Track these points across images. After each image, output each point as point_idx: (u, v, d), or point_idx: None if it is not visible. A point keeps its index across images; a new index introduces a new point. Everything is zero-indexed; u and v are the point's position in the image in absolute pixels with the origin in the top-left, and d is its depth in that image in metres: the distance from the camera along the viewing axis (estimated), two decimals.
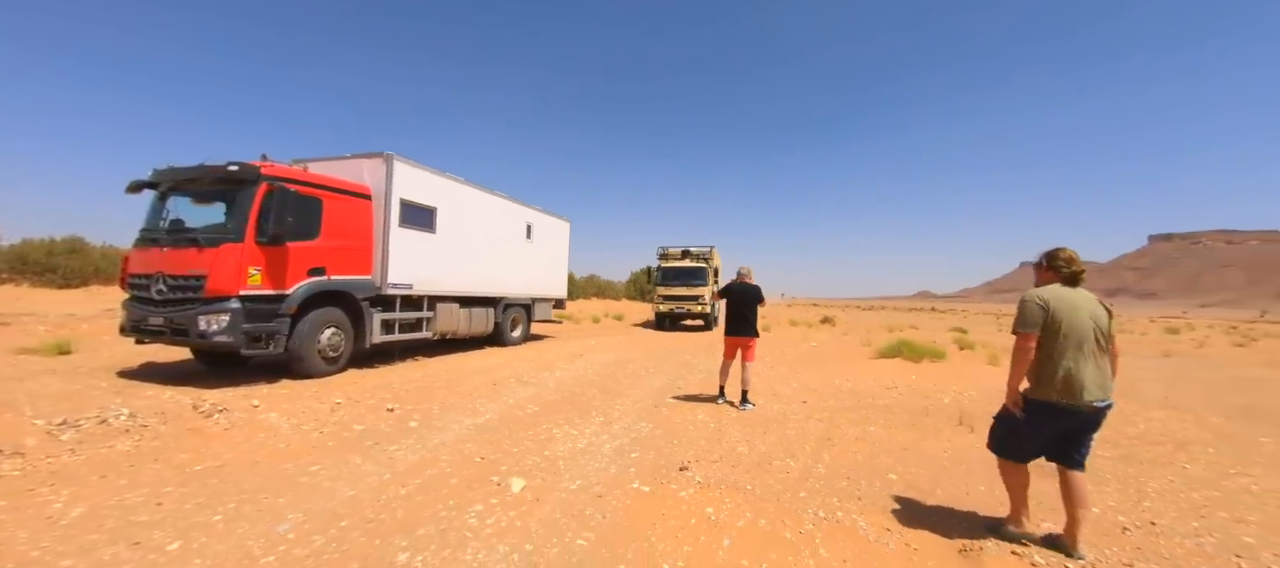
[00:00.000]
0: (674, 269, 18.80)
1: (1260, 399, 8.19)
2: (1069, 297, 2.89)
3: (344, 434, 4.74)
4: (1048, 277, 3.07)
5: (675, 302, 18.31)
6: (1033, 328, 2.85)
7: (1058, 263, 3.02)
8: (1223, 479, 4.26)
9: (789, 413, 6.09)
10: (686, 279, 18.53)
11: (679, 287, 18.42)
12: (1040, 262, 3.12)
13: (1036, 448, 3.00)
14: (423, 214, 9.20)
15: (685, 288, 18.31)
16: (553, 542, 2.93)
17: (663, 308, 18.37)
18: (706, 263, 18.96)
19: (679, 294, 18.33)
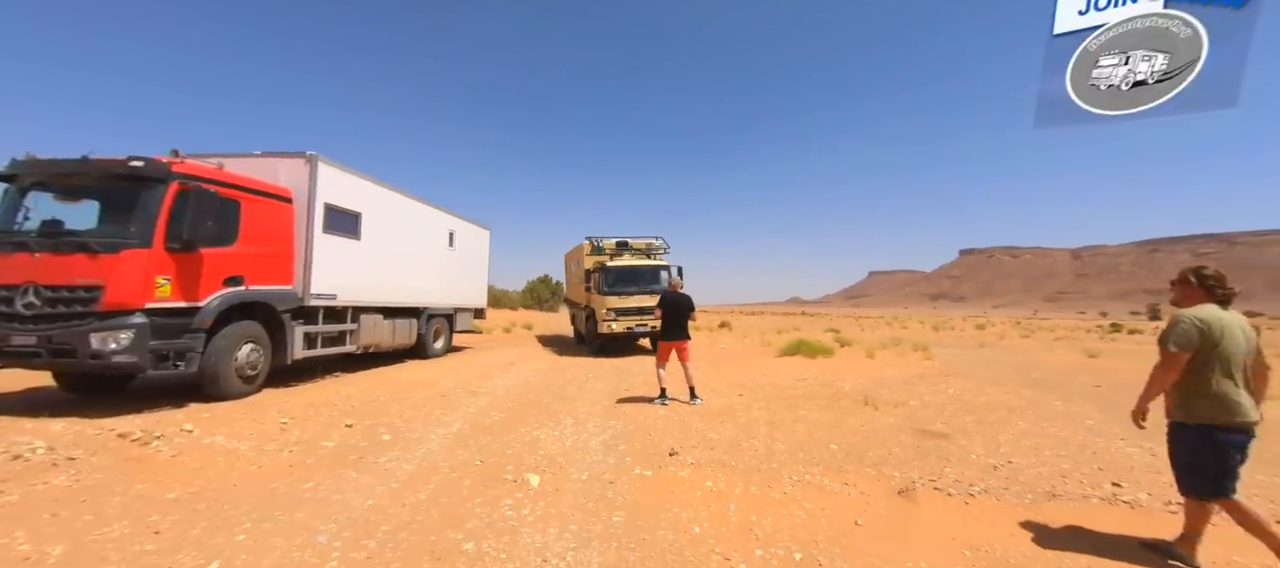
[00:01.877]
0: (625, 271, 13.22)
1: (1046, 376, 11.00)
2: (1224, 317, 2.78)
3: (317, 452, 4.53)
4: (1198, 295, 2.94)
5: (631, 317, 12.61)
6: (1187, 349, 2.77)
7: (1210, 282, 2.91)
8: (1039, 429, 5.91)
9: (732, 405, 6.94)
10: (643, 283, 13.21)
11: (634, 294, 12.86)
12: (1187, 279, 3.01)
13: (1233, 475, 2.78)
14: (347, 220, 8.65)
15: (642, 295, 12.84)
16: (594, 521, 3.32)
17: (615, 326, 12.50)
18: (661, 262, 14.13)
19: (634, 306, 12.69)
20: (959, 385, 8.99)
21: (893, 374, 10.37)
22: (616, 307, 12.68)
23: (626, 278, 13.26)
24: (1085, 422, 6.43)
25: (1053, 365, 13.47)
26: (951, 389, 8.59)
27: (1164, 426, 3.11)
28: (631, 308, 12.73)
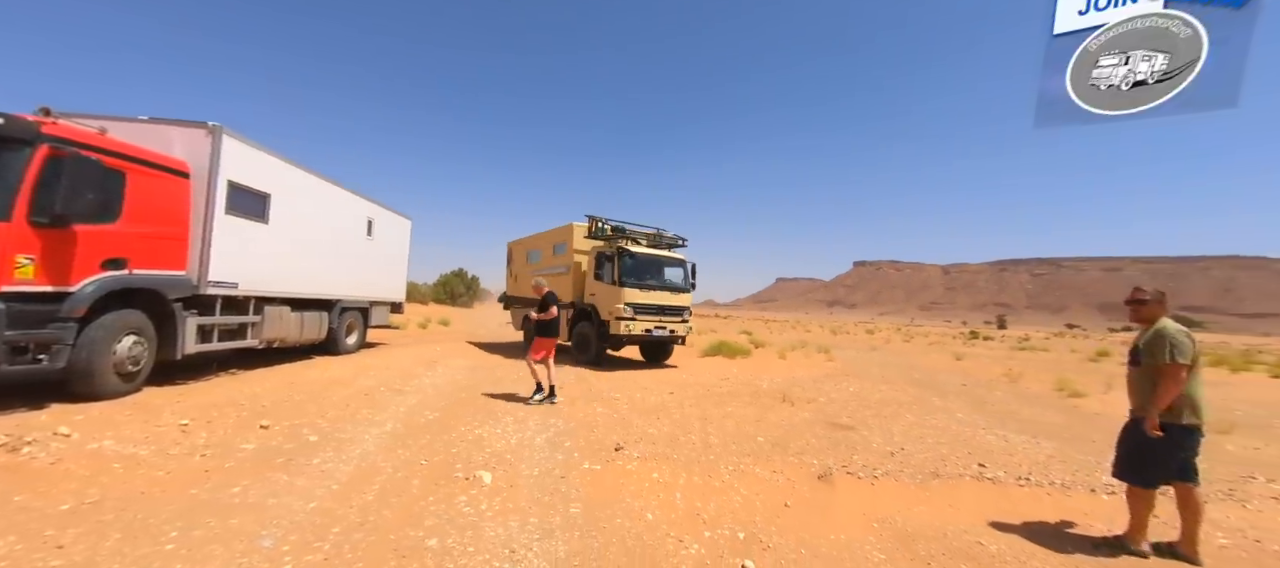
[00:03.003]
0: (650, 262, 10.93)
1: (925, 376, 12.70)
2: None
3: (235, 455, 4.16)
4: (1160, 311, 3.37)
5: (651, 317, 10.47)
6: (1189, 359, 3.13)
7: (1164, 301, 3.38)
8: (923, 421, 6.93)
9: (665, 403, 7.31)
10: (666, 279, 11.13)
11: (656, 289, 10.68)
12: (1157, 298, 3.43)
13: (1167, 473, 3.19)
14: (254, 200, 7.85)
15: (665, 293, 10.83)
16: (552, 513, 3.45)
17: (633, 327, 10.15)
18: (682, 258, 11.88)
19: (655, 303, 10.57)
20: (857, 384, 10.15)
21: (803, 374, 11.42)
22: (636, 302, 10.28)
23: (650, 269, 10.93)
24: (956, 415, 7.62)
25: (929, 366, 15.54)
26: (852, 388, 9.69)
27: (1019, 420, 3.90)
28: (653, 306, 10.58)
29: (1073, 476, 4.76)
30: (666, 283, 11.11)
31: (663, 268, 11.25)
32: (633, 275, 10.49)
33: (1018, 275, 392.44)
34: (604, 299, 10.55)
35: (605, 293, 10.56)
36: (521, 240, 14.91)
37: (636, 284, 10.46)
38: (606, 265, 10.65)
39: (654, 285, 10.79)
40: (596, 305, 10.77)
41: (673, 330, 10.92)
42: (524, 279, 13.89)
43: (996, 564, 3.08)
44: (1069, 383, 11.28)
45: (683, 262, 11.68)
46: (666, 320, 10.78)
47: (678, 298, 11.18)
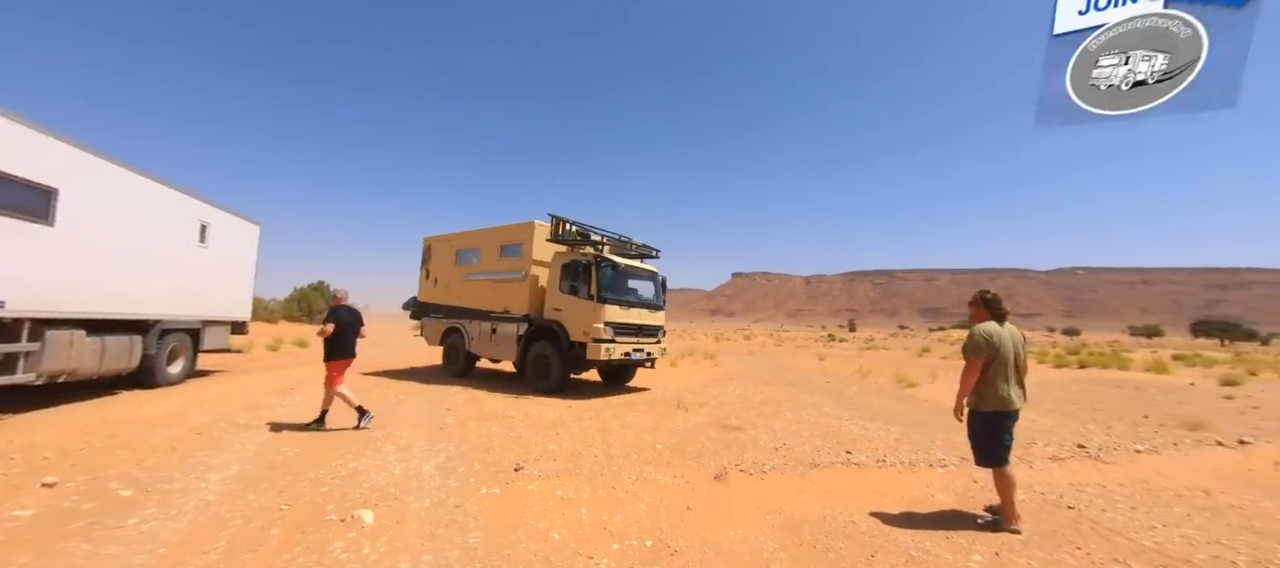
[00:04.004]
0: (630, 274, 9.86)
1: (796, 376, 14.11)
2: (1001, 331, 3.67)
3: (4, 526, 3.18)
4: (983, 314, 3.79)
5: (630, 339, 9.27)
6: (979, 356, 3.62)
7: (991, 303, 3.78)
8: (799, 417, 7.67)
9: (564, 416, 7.16)
10: (644, 295, 10.10)
11: (635, 306, 9.58)
12: (978, 301, 3.86)
13: (1007, 449, 3.67)
14: (31, 195, 6.20)
15: (644, 310, 9.78)
16: (448, 547, 3.17)
17: (614, 351, 8.83)
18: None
19: (635, 323, 9.44)
20: (742, 387, 10.93)
21: (694, 381, 11.99)
22: (617, 322, 8.94)
23: (629, 284, 9.75)
24: (825, 409, 8.55)
25: (798, 367, 17.29)
26: (737, 391, 10.40)
27: (872, 410, 4.49)
28: (632, 325, 9.34)
29: (916, 454, 5.60)
30: (644, 299, 10.01)
31: (644, 283, 10.21)
32: (613, 290, 9.15)
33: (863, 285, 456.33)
34: (575, 317, 9.02)
35: (578, 309, 9.00)
36: (447, 237, 12.25)
37: (617, 300, 9.14)
38: (581, 277, 9.06)
39: (633, 302, 9.58)
40: (563, 323, 9.19)
41: (650, 353, 9.79)
42: (449, 283, 11.85)
43: (867, 539, 3.49)
44: (905, 376, 13.33)
45: (655, 274, 10.60)
46: (644, 342, 9.65)
47: (655, 316, 10.11)
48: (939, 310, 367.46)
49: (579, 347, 8.87)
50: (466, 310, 11.21)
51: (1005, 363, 3.65)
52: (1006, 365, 3.65)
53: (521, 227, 10.39)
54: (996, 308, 3.77)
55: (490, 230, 11.23)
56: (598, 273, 8.93)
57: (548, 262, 9.96)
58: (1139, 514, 4.05)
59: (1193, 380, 14.43)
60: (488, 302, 10.69)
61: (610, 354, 8.72)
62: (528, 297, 9.91)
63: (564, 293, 9.35)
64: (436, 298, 12.14)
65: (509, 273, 10.42)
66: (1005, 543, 3.47)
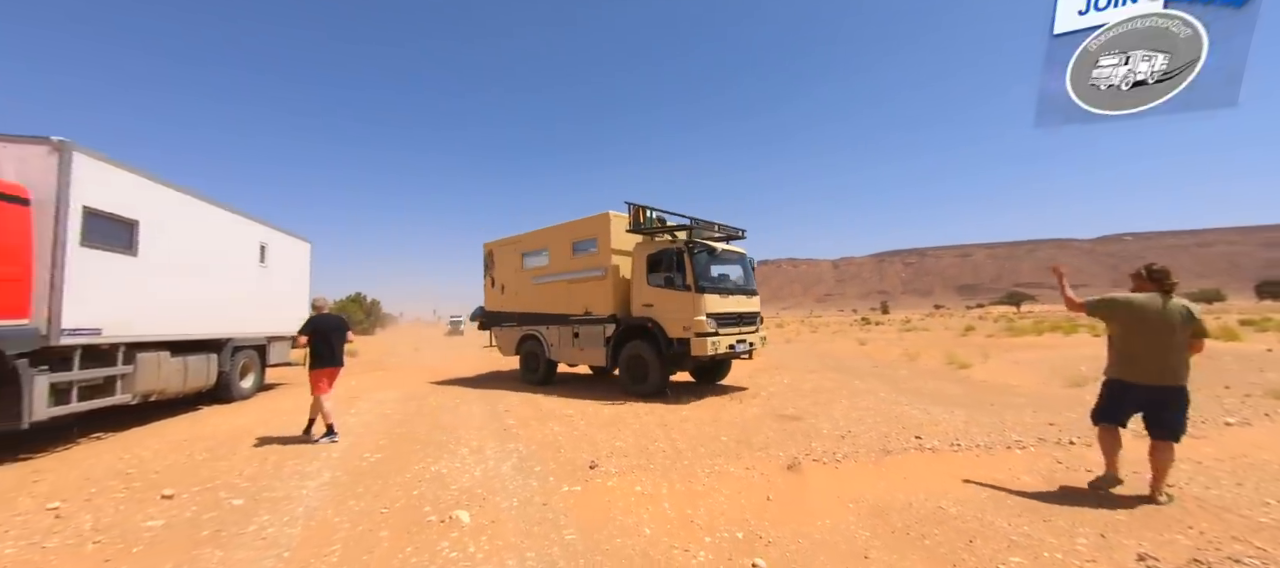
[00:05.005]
0: (726, 260, 9.10)
1: (839, 362, 13.90)
2: (1145, 302, 3.67)
3: (141, 536, 3.44)
4: (1146, 286, 3.78)
5: (734, 328, 8.57)
6: (1095, 313, 3.87)
7: (1157, 275, 3.75)
8: (855, 404, 7.57)
9: (621, 413, 7.26)
10: (740, 284, 9.24)
11: (735, 295, 8.86)
12: (1141, 274, 3.86)
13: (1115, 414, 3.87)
14: (118, 229, 6.63)
15: (742, 297, 9.03)
16: (548, 544, 3.28)
17: (719, 344, 8.06)
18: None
19: (735, 311, 8.71)
20: (788, 376, 10.84)
21: (738, 371, 11.94)
22: (718, 312, 8.24)
23: (725, 269, 9.05)
24: (880, 395, 8.42)
25: (839, 353, 17.01)
26: (784, 380, 10.33)
27: (930, 394, 4.40)
28: (733, 314, 8.59)
29: (990, 436, 5.47)
30: (740, 285, 9.19)
31: (739, 269, 9.40)
32: (708, 278, 8.41)
33: (894, 265, 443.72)
34: (671, 311, 8.31)
35: (673, 302, 8.30)
36: (510, 240, 11.67)
37: (715, 288, 8.42)
38: (674, 267, 8.32)
39: (730, 289, 8.82)
40: (657, 319, 8.48)
41: (752, 343, 8.93)
42: (518, 289, 11.29)
43: (960, 524, 3.45)
44: (955, 357, 12.97)
45: (744, 256, 9.62)
46: (745, 331, 8.80)
47: (751, 302, 9.25)
48: (975, 287, 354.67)
49: (679, 343, 8.17)
50: (541, 316, 10.67)
51: (1139, 334, 3.70)
52: (1140, 337, 3.70)
53: (595, 220, 9.62)
54: (1163, 281, 3.74)
55: (558, 228, 10.45)
56: (692, 261, 8.18)
57: (629, 253, 9.27)
58: (1247, 490, 3.87)
59: (1269, 346, 13.58)
60: (565, 304, 10.07)
61: (717, 348, 7.99)
62: (611, 294, 9.21)
63: (654, 286, 8.61)
64: (505, 305, 11.65)
65: (586, 271, 9.68)
66: (1111, 523, 3.37)
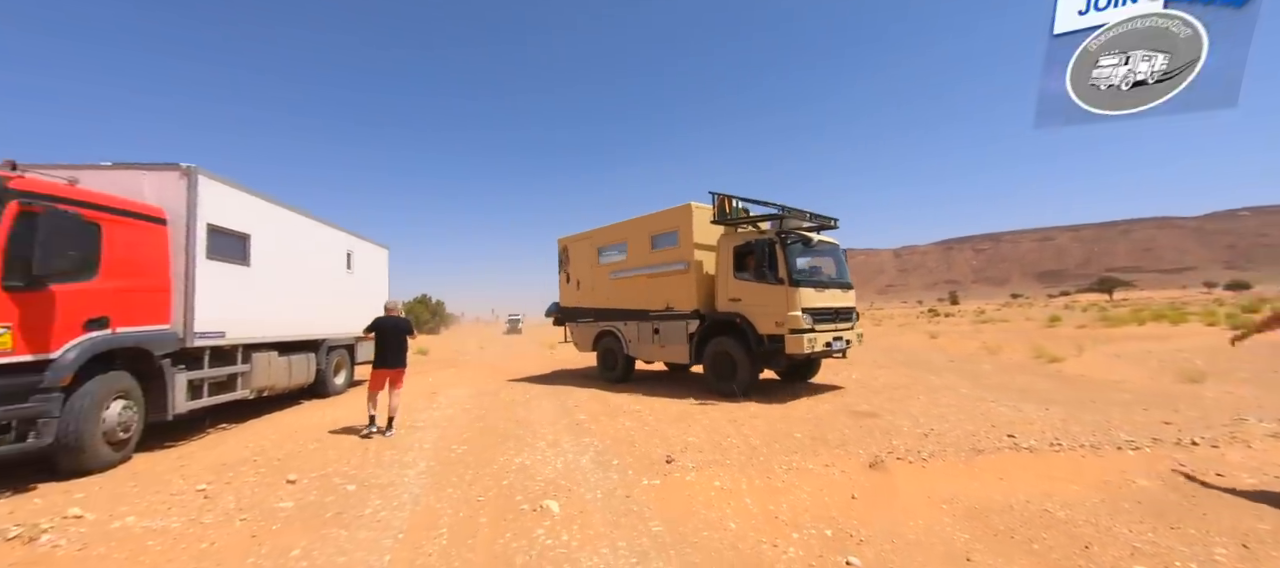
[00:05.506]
0: (819, 251, 8.60)
1: (910, 357, 13.25)
2: None
3: (278, 515, 3.88)
4: None
5: (830, 324, 8.01)
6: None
7: None
8: (935, 401, 7.21)
9: (689, 410, 7.31)
10: (836, 277, 8.67)
11: (830, 289, 8.30)
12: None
13: None
14: (234, 243, 7.39)
15: (839, 293, 8.46)
16: (637, 536, 3.39)
17: (817, 341, 7.58)
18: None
19: (831, 306, 8.14)
20: (858, 371, 10.48)
21: None
22: (814, 307, 7.71)
23: (820, 261, 8.60)
24: (960, 391, 7.99)
25: (909, 347, 16.20)
26: (854, 375, 9.99)
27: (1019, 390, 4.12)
28: (829, 309, 8.03)
29: (1095, 436, 5.07)
30: (835, 278, 8.61)
31: (824, 257, 8.75)
32: (803, 271, 7.93)
33: (963, 252, 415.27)
34: (762, 305, 7.85)
35: (764, 297, 7.83)
36: (585, 235, 11.56)
37: (810, 282, 7.91)
38: (765, 259, 7.76)
39: (826, 282, 8.29)
40: (747, 315, 8.06)
41: (848, 341, 8.33)
42: (595, 284, 11.15)
43: (1072, 529, 3.24)
44: (1044, 350, 12.03)
45: (837, 246, 9.01)
46: (841, 327, 8.23)
47: (847, 296, 8.67)
48: (1059, 273, 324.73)
49: (771, 340, 7.73)
50: (619, 312, 10.46)
51: None
52: None
53: (676, 211, 9.34)
54: None
55: (636, 222, 10.21)
56: (785, 252, 7.72)
57: (713, 246, 8.85)
58: None
59: None
60: (644, 300, 9.83)
61: (813, 346, 7.48)
62: (695, 289, 8.89)
63: (743, 280, 8.20)
64: (581, 301, 11.53)
65: (667, 265, 9.41)
66: (1251, 533, 3.05)
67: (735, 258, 8.37)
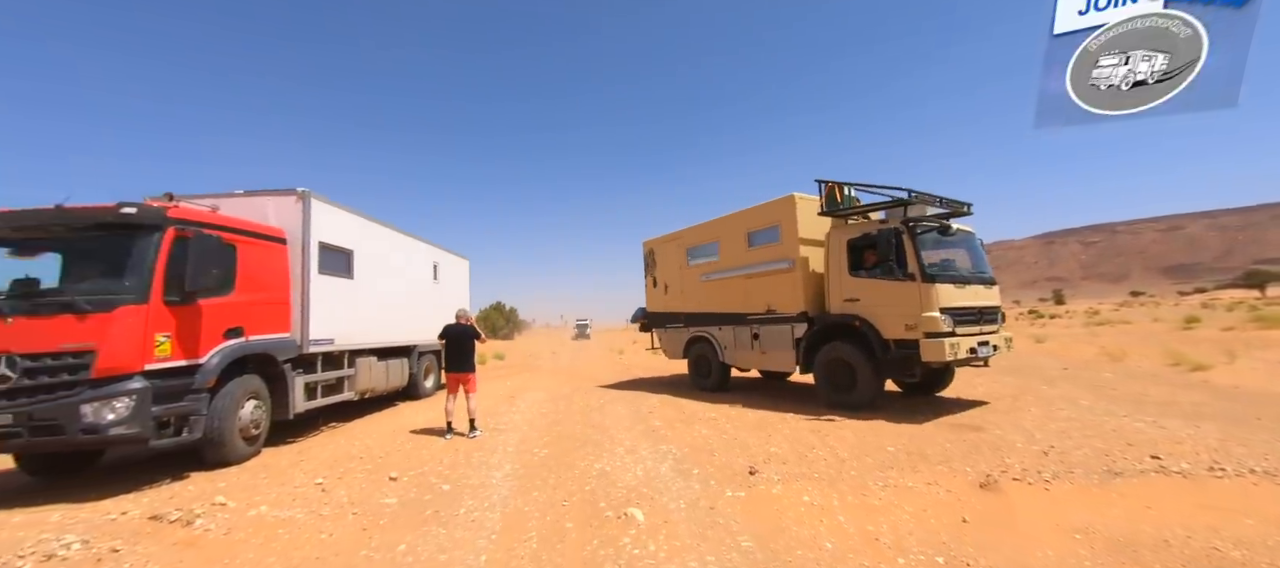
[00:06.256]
0: (956, 241, 7.52)
1: (1015, 363, 11.97)
2: None
3: (384, 511, 4.17)
4: None
5: (973, 327, 6.91)
6: None
7: None
8: (1051, 414, 6.43)
9: (767, 419, 7.05)
10: (977, 272, 7.47)
11: (972, 285, 7.16)
12: None
13: None
14: (340, 258, 8.14)
15: (982, 290, 7.30)
16: (726, 550, 3.28)
17: (959, 347, 6.44)
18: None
19: (974, 306, 7.03)
20: (955, 379, 9.61)
21: None
22: (954, 307, 6.59)
23: (958, 253, 7.47)
24: (1081, 403, 7.09)
25: (1012, 352, 14.67)
26: (951, 383, 9.18)
27: (1157, 403, 3.51)
28: (972, 310, 6.89)
29: (1269, 460, 4.27)
30: (976, 272, 7.38)
31: (958, 249, 7.51)
32: (938, 264, 6.88)
33: (1068, 246, 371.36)
34: (887, 306, 6.88)
35: (889, 295, 6.86)
36: (672, 236, 11.11)
37: (947, 277, 6.77)
38: (893, 251, 6.68)
39: (965, 277, 7.08)
40: (867, 317, 7.09)
41: (995, 346, 7.13)
42: (684, 288, 10.66)
43: None
44: (1184, 357, 10.42)
45: (973, 235, 7.76)
46: (986, 331, 7.09)
47: (991, 294, 7.42)
48: (1191, 268, 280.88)
49: (900, 345, 6.70)
50: (713, 316, 9.88)
51: None
52: None
53: (777, 204, 8.56)
54: None
55: (730, 218, 9.62)
56: (916, 244, 6.67)
57: (821, 241, 8.00)
58: None
59: None
60: (741, 302, 9.16)
61: (955, 352, 6.33)
62: (801, 289, 8.04)
63: (862, 277, 7.26)
64: (670, 306, 11.08)
65: (767, 264, 8.66)
66: None
67: (850, 253, 7.45)
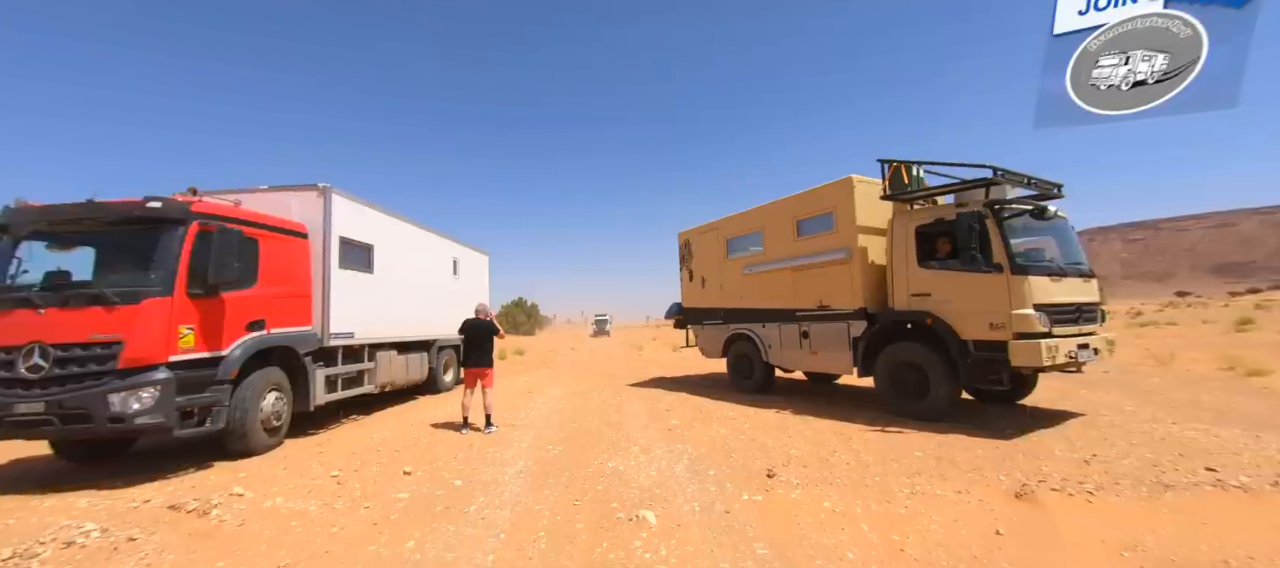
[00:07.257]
0: (1051, 228, 6.37)
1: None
2: None
3: (396, 506, 4.15)
4: None
5: (1072, 325, 5.86)
6: None
7: None
8: (1094, 417, 6.06)
9: (787, 421, 6.83)
10: (1075, 263, 6.33)
11: (1068, 278, 6.09)
12: None
13: None
14: (361, 253, 8.22)
15: (1080, 284, 6.22)
16: (741, 557, 3.14)
17: (1059, 353, 5.41)
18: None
19: (1074, 302, 6.00)
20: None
21: None
22: (1050, 303, 5.69)
23: (1052, 240, 6.46)
24: (1125, 408, 6.69)
25: None
26: None
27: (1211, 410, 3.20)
28: (1069, 306, 5.95)
29: None
30: (1072, 263, 6.30)
31: (1048, 236, 6.46)
32: (1028, 253, 6.01)
33: (1109, 244, 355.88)
34: (966, 300, 6.02)
35: (969, 289, 5.98)
36: (710, 226, 10.45)
37: (1041, 269, 5.88)
38: (975, 238, 5.80)
39: (1060, 269, 6.08)
40: (940, 314, 6.25)
41: (1096, 349, 6.01)
42: (724, 281, 9.96)
43: None
44: (1239, 360, 9.76)
45: (1067, 219, 6.54)
46: (1086, 331, 6.08)
47: (1089, 288, 6.36)
48: (1243, 266, 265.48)
49: (981, 347, 5.83)
50: (756, 312, 9.09)
51: None
52: None
53: (831, 189, 7.75)
54: None
55: (775, 206, 8.83)
56: (1003, 229, 5.76)
57: (882, 229, 7.20)
58: None
59: None
60: (788, 297, 8.38)
61: (1053, 357, 5.37)
62: (859, 282, 7.22)
63: (934, 268, 6.39)
64: (707, 301, 10.39)
65: (819, 255, 7.82)
66: None
67: (919, 241, 6.56)
